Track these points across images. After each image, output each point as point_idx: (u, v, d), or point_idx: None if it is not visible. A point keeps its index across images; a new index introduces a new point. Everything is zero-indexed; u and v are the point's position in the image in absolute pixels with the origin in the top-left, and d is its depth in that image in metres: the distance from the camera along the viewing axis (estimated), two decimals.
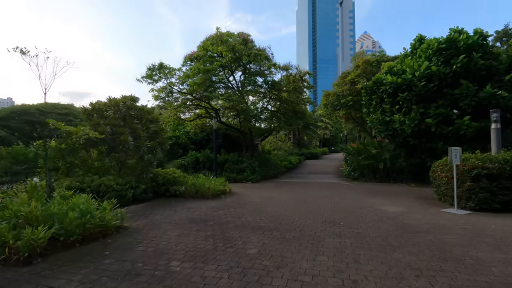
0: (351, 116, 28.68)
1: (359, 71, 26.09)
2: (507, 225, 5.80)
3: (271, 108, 20.11)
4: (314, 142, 48.92)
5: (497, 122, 8.07)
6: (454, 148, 7.20)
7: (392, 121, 12.63)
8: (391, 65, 13.53)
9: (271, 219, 6.46)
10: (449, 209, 7.36)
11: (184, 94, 17.28)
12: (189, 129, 22.62)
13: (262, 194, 10.61)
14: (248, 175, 15.55)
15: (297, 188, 12.32)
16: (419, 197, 9.46)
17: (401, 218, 6.44)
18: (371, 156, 14.80)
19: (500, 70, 10.52)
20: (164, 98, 17.30)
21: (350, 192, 10.88)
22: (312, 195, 10.24)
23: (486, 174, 7.04)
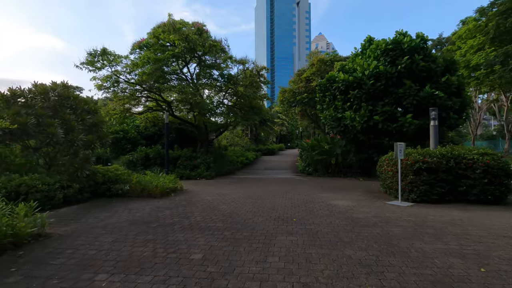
0: (306, 113, 29.46)
1: (314, 69, 26.84)
2: (444, 215, 6.18)
3: (228, 103, 19.62)
4: (271, 138, 49.58)
5: (435, 119, 8.70)
6: (399, 144, 7.54)
7: (343, 117, 13.06)
8: (343, 64, 13.99)
9: (222, 218, 6.05)
10: (394, 202, 7.71)
11: (133, 85, 15.92)
12: (139, 122, 21.08)
13: (216, 191, 10.14)
14: (202, 171, 14.92)
15: (253, 184, 12.10)
16: (367, 191, 9.86)
17: (351, 212, 6.51)
18: (324, 151, 15.21)
19: (438, 72, 11.47)
20: (109, 88, 15.74)
21: (304, 187, 10.96)
22: (267, 191, 10.07)
23: (426, 167, 7.50)
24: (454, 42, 30.73)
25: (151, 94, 16.28)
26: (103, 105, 19.55)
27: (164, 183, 9.26)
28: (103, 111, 16.64)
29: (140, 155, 16.46)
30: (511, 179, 7.29)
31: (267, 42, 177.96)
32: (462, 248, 4.08)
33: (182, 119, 18.22)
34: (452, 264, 3.51)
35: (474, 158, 7.39)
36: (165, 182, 9.32)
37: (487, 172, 7.20)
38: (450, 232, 4.87)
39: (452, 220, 5.67)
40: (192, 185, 11.98)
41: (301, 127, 39.85)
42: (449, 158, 7.66)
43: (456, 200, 7.57)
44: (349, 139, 13.85)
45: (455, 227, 5.21)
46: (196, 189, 10.76)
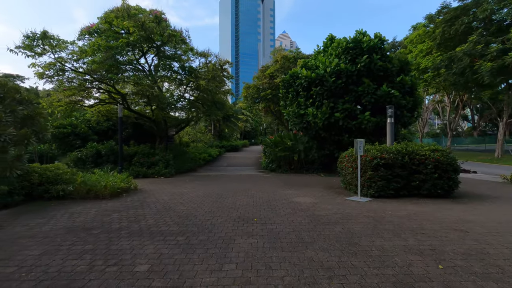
0: (270, 109, 29.54)
1: (278, 66, 26.90)
2: (400, 210, 6.34)
3: (190, 97, 18.77)
4: (235, 134, 49.13)
5: (391, 117, 9.02)
6: (359, 140, 7.63)
7: (306, 114, 13.12)
8: (306, 61, 14.05)
9: (178, 220, 5.55)
10: (353, 197, 7.82)
11: (81, 74, 14.39)
12: (90, 116, 19.29)
13: (174, 190, 9.50)
14: (161, 169, 14.04)
15: (214, 182, 11.62)
16: (328, 187, 9.96)
17: (313, 209, 6.41)
18: (287, 148, 15.22)
19: (393, 72, 12.01)
20: (52, 77, 14.04)
21: (267, 184, 10.77)
22: (228, 189, 9.69)
23: (383, 163, 7.70)
24: (406, 46, 32.96)
25: (102, 85, 14.89)
26: (46, 95, 17.46)
27: (115, 182, 8.40)
28: (45, 102, 14.90)
29: (90, 151, 15.03)
30: (458, 173, 7.78)
31: (232, 38, 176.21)
32: (420, 244, 4.10)
33: (139, 113, 17.01)
34: (412, 262, 3.46)
35: (426, 154, 7.75)
36: (115, 182, 8.46)
37: (437, 168, 7.59)
38: (407, 227, 4.93)
39: (408, 215, 5.82)
40: (148, 184, 11.16)
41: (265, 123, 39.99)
42: (404, 154, 7.96)
43: (410, 195, 7.90)
44: (311, 135, 13.99)
45: (411, 221, 5.32)
46: (152, 188, 10.00)
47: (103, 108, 17.58)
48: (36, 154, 16.32)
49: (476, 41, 22.08)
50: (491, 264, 3.38)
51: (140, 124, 19.98)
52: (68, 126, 18.36)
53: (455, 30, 24.30)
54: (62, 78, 14.11)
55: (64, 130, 18.17)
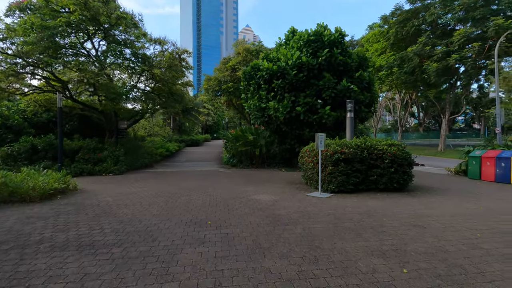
0: (232, 103, 28.87)
1: (240, 58, 26.27)
2: (360, 206, 6.24)
3: (146, 88, 17.34)
4: (196, 128, 47.60)
5: (351, 111, 9.00)
6: (320, 134, 7.42)
7: (267, 107, 12.76)
8: (267, 52, 13.64)
9: (118, 226, 4.76)
10: (314, 193, 7.62)
11: (10, 57, 12.34)
12: (25, 106, 16.91)
13: (122, 189, 8.50)
14: (109, 166, 12.72)
15: (169, 179, 10.75)
16: (289, 182, 9.72)
17: (272, 208, 6.02)
18: (248, 142, 14.79)
19: (353, 68, 12.15)
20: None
21: (226, 181, 10.21)
22: (184, 187, 8.94)
23: (343, 158, 7.60)
24: (363, 45, 34.39)
25: (39, 71, 12.95)
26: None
27: (46, 183, 7.19)
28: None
29: (24, 146, 13.09)
30: (412, 167, 7.98)
31: (194, 28, 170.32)
32: (382, 244, 3.90)
33: (84, 103, 15.23)
34: (376, 267, 3.19)
35: (383, 149, 7.81)
36: (47, 182, 7.25)
37: (393, 162, 7.69)
38: (368, 225, 4.75)
39: (368, 211, 5.70)
40: (92, 183, 9.94)
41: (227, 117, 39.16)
42: (363, 149, 7.95)
43: (368, 189, 7.93)
44: (273, 129, 13.70)
45: (371, 218, 5.18)
46: (96, 188, 8.87)
47: (41, 97, 15.45)
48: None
49: (424, 42, 23.64)
50: (453, 265, 3.24)
51: (87, 117, 18.07)
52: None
53: (406, 31, 25.77)
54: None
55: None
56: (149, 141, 24.71)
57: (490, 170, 9.98)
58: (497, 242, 3.96)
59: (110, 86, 12.77)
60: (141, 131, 27.23)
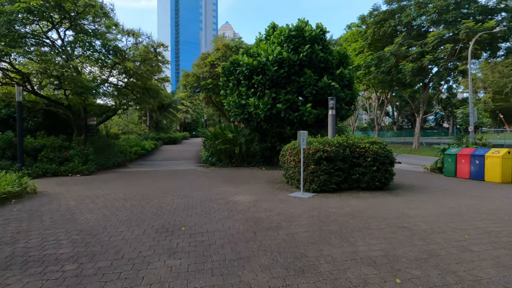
0: (211, 100, 28.18)
1: (219, 54, 25.63)
2: (343, 206, 6.01)
3: (118, 82, 16.32)
4: (174, 126, 46.26)
5: (333, 108, 8.80)
6: (302, 132, 7.12)
7: (247, 104, 12.35)
8: (247, 47, 13.20)
9: (76, 237, 4.17)
10: (296, 193, 7.33)
11: None
12: None
13: (88, 191, 7.77)
14: (76, 165, 11.76)
15: (143, 180, 10.07)
16: (270, 181, 9.39)
17: (253, 210, 5.64)
18: (228, 140, 14.31)
19: (333, 65, 12.03)
20: None
21: (204, 181, 9.70)
22: (158, 188, 8.34)
23: (326, 157, 7.36)
24: (341, 44, 34.82)
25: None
26: None
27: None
28: None
29: None
30: (393, 165, 7.91)
31: (172, 24, 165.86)
32: (370, 249, 3.62)
33: (48, 98, 14.02)
34: (367, 277, 2.89)
35: (366, 147, 7.66)
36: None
37: (376, 160, 7.57)
38: (353, 228, 4.49)
39: (352, 212, 5.47)
40: (57, 184, 9.08)
41: (206, 115, 38.29)
42: (345, 146, 7.76)
43: (350, 188, 7.76)
44: (253, 127, 13.32)
45: (356, 220, 4.94)
46: (60, 190, 8.05)
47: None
48: None
49: (400, 43, 24.22)
50: (447, 271, 3.02)
51: (53, 112, 16.76)
52: None
53: (383, 31, 26.31)
54: None
55: None
56: (124, 139, 23.53)
57: (465, 168, 10.21)
58: (485, 244, 3.82)
59: (76, 79, 11.78)
60: (115, 129, 25.87)
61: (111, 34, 14.70)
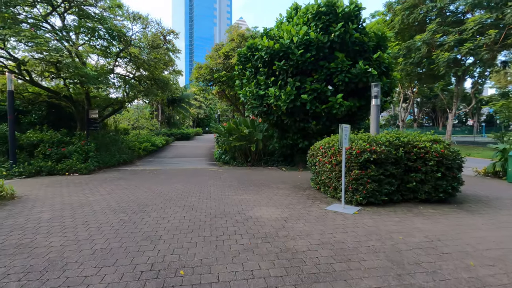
0: (225, 93, 26.64)
1: (233, 44, 23.98)
2: (408, 229, 4.28)
3: (124, 72, 15.03)
4: (187, 121, 45.22)
5: (377, 97, 7.00)
6: (345, 126, 5.40)
7: (266, 95, 10.68)
8: (267, 29, 11.47)
9: (15, 283, 2.67)
10: (334, 206, 5.63)
11: None
12: None
13: (74, 197, 6.36)
14: (75, 163, 10.48)
15: (146, 181, 8.62)
16: (295, 186, 7.72)
17: (283, 235, 4.00)
18: (243, 136, 12.73)
19: (370, 48, 10.15)
20: None
21: (216, 184, 8.14)
22: (161, 193, 6.84)
23: (374, 159, 5.60)
24: None
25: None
26: None
27: None
28: None
29: None
30: (461, 171, 6.07)
31: (186, 20, 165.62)
32: None
33: (47, 88, 12.81)
34: None
35: (426, 147, 5.85)
36: None
37: (441, 164, 5.75)
38: (457, 280, 2.77)
39: (430, 241, 3.74)
40: (47, 186, 7.77)
41: (219, 109, 36.84)
42: (398, 146, 5.98)
43: (404, 200, 5.99)
44: (272, 122, 11.64)
45: (448, 263, 3.20)
46: (44, 194, 6.70)
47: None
48: None
49: (434, 30, 21.78)
50: None
51: (57, 105, 15.71)
52: None
53: (413, 18, 23.86)
54: None
55: None
56: (134, 134, 22.40)
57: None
58: None
59: (75, 66, 10.43)
60: (124, 124, 24.83)
61: (117, 21, 13.34)
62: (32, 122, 15.06)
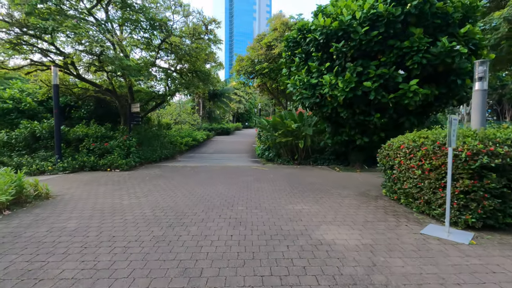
0: (267, 86, 25.41)
1: (276, 34, 22.54)
2: None
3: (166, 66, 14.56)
4: (227, 116, 45.05)
5: (484, 79, 5.17)
6: (454, 118, 3.81)
7: (320, 84, 9.18)
8: (320, 6, 9.87)
9: None
10: (431, 228, 4.09)
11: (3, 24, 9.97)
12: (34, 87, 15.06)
13: (108, 199, 5.65)
14: (116, 158, 10.11)
15: (185, 182, 7.78)
16: (361, 194, 6.23)
17: (379, 281, 2.64)
18: (290, 132, 11.41)
19: (455, 20, 8.10)
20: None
21: (264, 188, 6.96)
22: (201, 197, 5.86)
23: (494, 165, 3.92)
24: None
25: (28, 38, 10.45)
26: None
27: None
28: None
29: (21, 134, 10.94)
30: None
31: (226, 15, 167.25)
32: None
33: (91, 82, 12.72)
34: None
35: None
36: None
37: None
38: None
39: None
40: (86, 183, 7.31)
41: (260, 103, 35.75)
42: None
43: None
44: (326, 115, 10.10)
45: None
46: (80, 193, 6.13)
47: (48, 77, 13.32)
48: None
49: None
50: None
51: (104, 100, 15.89)
52: (9, 101, 14.11)
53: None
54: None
55: (5, 105, 13.94)
56: (176, 129, 22.33)
57: None
58: None
59: (118, 58, 9.98)
60: (167, 118, 24.97)
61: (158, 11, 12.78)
62: (81, 116, 15.36)
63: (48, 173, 9.11)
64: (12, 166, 9.26)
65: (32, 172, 9.01)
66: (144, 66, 11.75)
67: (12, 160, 9.58)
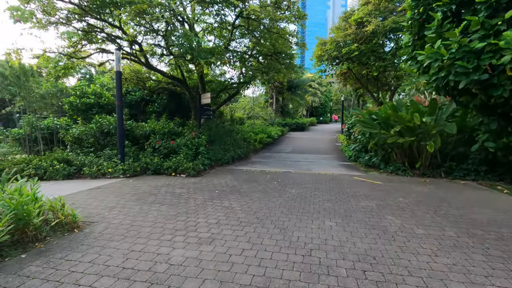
0: (353, 73, 21.33)
1: (370, 7, 18.32)
2: None
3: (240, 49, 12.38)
4: (300, 110, 41.84)
5: None
6: None
7: (489, 50, 5.42)
8: None
9: None
10: None
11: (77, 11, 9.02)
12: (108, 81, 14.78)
13: (153, 242, 3.38)
14: (181, 161, 8.23)
15: (270, 204, 5.15)
16: None
17: None
18: (410, 128, 7.82)
19: None
20: (32, 16, 8.87)
21: (413, 235, 3.84)
22: (306, 254, 3.11)
23: None
24: None
25: (97, 23, 9.32)
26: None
27: None
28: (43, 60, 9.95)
29: (90, 130, 10.09)
30: None
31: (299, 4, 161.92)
32: None
33: (160, 71, 11.25)
34: None
35: None
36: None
37: None
38: None
39: None
40: (137, 199, 5.40)
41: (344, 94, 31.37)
42: None
43: None
44: (483, 102, 6.19)
45: None
46: (119, 221, 4.12)
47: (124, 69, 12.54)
48: (40, 131, 12.33)
49: None
50: None
51: (176, 93, 14.75)
52: (91, 96, 14.07)
53: None
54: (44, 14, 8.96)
55: (87, 100, 13.93)
56: (249, 124, 20.40)
57: None
58: None
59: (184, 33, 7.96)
60: (240, 113, 23.32)
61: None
62: (155, 111, 14.50)
63: (109, 175, 7.75)
64: (76, 165, 8.26)
65: (93, 174, 7.77)
66: (216, 48, 9.65)
67: (77, 158, 8.59)
